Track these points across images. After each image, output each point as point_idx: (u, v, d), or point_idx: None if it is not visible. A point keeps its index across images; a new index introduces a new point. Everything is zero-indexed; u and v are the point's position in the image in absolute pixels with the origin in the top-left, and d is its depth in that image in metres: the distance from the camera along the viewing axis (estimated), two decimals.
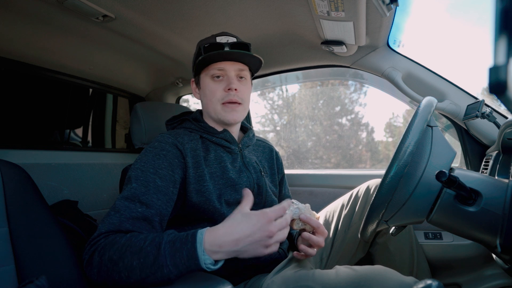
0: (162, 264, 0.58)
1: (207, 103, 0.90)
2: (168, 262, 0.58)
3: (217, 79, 0.87)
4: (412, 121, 0.71)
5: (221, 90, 0.87)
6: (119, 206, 0.69)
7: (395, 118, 7.71)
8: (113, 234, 0.65)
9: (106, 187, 1.51)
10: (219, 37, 0.89)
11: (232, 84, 0.86)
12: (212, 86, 0.87)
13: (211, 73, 0.87)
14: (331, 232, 1.06)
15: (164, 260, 0.58)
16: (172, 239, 0.60)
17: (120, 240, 0.62)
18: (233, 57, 0.86)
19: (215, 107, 0.88)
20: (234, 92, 0.86)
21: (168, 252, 0.58)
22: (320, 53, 1.32)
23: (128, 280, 0.60)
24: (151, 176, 0.73)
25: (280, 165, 1.08)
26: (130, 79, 1.68)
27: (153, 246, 0.60)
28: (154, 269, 0.58)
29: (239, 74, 0.89)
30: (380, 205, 0.72)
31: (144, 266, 0.58)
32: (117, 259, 0.60)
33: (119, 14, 1.04)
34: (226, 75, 0.87)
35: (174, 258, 0.58)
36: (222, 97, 0.87)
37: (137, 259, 0.59)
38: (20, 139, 1.37)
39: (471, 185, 0.68)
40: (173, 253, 0.58)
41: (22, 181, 0.71)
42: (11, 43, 1.15)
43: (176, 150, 0.80)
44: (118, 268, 0.60)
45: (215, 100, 0.87)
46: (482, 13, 9.68)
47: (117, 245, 0.61)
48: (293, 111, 7.72)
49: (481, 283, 1.13)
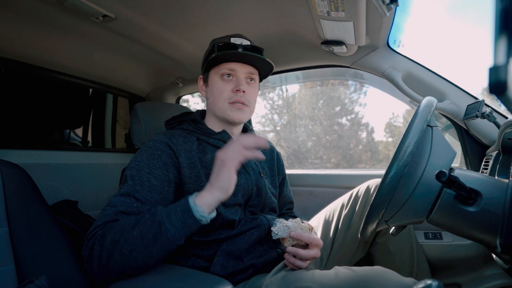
0: (159, 222, 0.63)
1: (213, 101, 0.90)
2: (164, 220, 0.64)
3: (226, 78, 0.88)
4: (412, 121, 0.71)
5: (229, 90, 0.87)
6: (114, 201, 0.71)
7: (395, 118, 7.72)
8: (109, 223, 0.68)
9: (106, 187, 1.51)
10: (233, 38, 0.90)
11: (241, 85, 0.87)
12: (221, 85, 0.88)
13: (222, 71, 0.88)
14: (331, 232, 1.06)
15: (160, 218, 0.64)
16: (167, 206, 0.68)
17: (117, 223, 0.66)
18: (246, 59, 0.87)
19: (222, 106, 0.88)
20: (241, 94, 0.87)
21: (165, 213, 0.65)
22: (320, 53, 1.32)
23: (130, 255, 0.62)
24: (145, 175, 0.75)
25: (281, 166, 1.08)
26: (130, 79, 1.68)
27: (150, 214, 0.66)
28: (154, 230, 0.63)
29: (249, 76, 0.90)
30: (380, 205, 0.72)
31: (144, 232, 0.63)
32: (118, 238, 0.63)
33: (119, 14, 1.04)
34: (236, 76, 0.88)
35: (169, 216, 0.65)
36: (229, 96, 0.87)
37: (137, 228, 0.63)
38: (20, 139, 1.37)
39: (471, 185, 0.68)
40: (169, 212, 0.65)
41: (22, 181, 0.71)
42: (11, 43, 1.15)
43: (170, 150, 0.81)
44: (120, 244, 0.62)
45: (222, 99, 0.88)
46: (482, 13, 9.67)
47: (117, 227, 0.65)
48: (293, 111, 7.72)
49: (481, 283, 1.13)
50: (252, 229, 0.84)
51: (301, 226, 0.79)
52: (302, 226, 0.79)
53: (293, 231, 0.76)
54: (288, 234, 0.76)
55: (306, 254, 0.77)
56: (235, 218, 0.83)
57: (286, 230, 0.76)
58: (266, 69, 0.93)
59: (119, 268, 0.63)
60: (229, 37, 0.90)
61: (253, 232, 0.84)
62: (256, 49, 0.88)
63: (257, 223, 0.85)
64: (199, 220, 0.66)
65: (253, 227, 0.85)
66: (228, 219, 0.81)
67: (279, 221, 0.79)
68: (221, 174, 0.69)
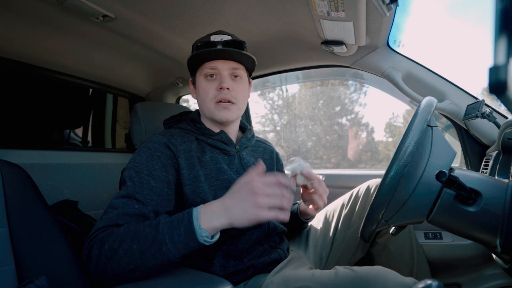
0: (161, 242, 0.60)
1: (201, 102, 0.90)
2: (166, 240, 0.60)
3: (210, 78, 0.87)
4: (412, 121, 0.71)
5: (213, 89, 0.86)
6: (116, 203, 0.70)
7: (395, 118, 7.72)
8: (110, 228, 0.66)
9: (106, 187, 1.51)
10: (213, 35, 0.88)
11: (224, 83, 0.85)
12: (205, 85, 0.87)
13: (204, 72, 0.87)
14: (331, 232, 1.06)
15: (162, 238, 0.60)
16: (169, 219, 0.63)
17: (118, 230, 0.64)
18: (224, 55, 0.85)
19: (208, 106, 0.87)
20: (226, 91, 0.85)
21: (167, 231, 0.61)
22: (320, 53, 1.32)
23: (128, 266, 0.61)
24: (145, 177, 0.74)
25: (281, 166, 1.08)
26: (130, 79, 1.68)
27: (151, 228, 0.62)
28: (154, 249, 0.60)
29: (233, 73, 0.88)
30: (380, 205, 0.72)
31: (144, 248, 0.60)
32: (117, 247, 0.61)
33: (119, 14, 1.04)
34: (219, 74, 0.87)
35: (172, 236, 0.60)
36: (214, 96, 0.86)
37: (136, 242, 0.61)
38: (20, 139, 1.37)
39: (471, 185, 0.68)
40: (171, 231, 0.61)
41: (22, 181, 0.71)
42: (11, 43, 1.15)
43: (169, 151, 0.81)
44: (118, 255, 0.61)
45: (208, 99, 0.87)
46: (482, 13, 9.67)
47: (116, 234, 0.63)
48: (293, 111, 7.72)
49: (481, 283, 1.13)
50: (252, 230, 0.84)
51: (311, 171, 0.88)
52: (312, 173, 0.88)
53: (305, 170, 0.85)
54: (301, 171, 0.85)
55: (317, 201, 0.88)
56: None
57: (299, 167, 0.86)
58: (249, 62, 0.90)
59: (116, 275, 0.62)
60: (209, 36, 0.89)
61: (253, 233, 0.84)
62: (237, 43, 0.86)
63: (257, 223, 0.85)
64: (202, 243, 0.62)
65: (253, 228, 0.84)
66: None
67: (294, 160, 0.88)
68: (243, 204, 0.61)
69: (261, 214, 0.60)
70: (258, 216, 0.60)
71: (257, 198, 0.60)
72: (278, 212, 0.61)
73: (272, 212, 0.61)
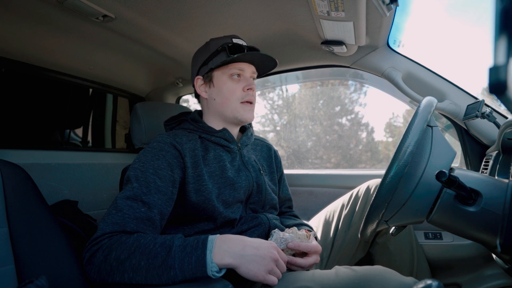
0: (170, 267, 0.59)
1: (223, 101, 0.90)
2: (176, 266, 0.59)
3: (235, 78, 0.90)
4: (412, 121, 0.71)
5: (240, 89, 0.89)
6: (121, 205, 0.69)
7: (395, 118, 7.72)
8: (117, 234, 0.65)
9: (106, 187, 1.51)
10: (235, 39, 0.92)
11: (252, 84, 0.90)
12: (231, 85, 0.89)
13: (231, 72, 0.89)
14: (331, 232, 1.06)
15: (172, 262, 0.59)
16: (183, 244, 0.62)
17: (127, 240, 0.63)
18: (255, 60, 0.91)
19: (234, 106, 0.89)
20: (252, 92, 0.90)
21: (178, 256, 0.60)
22: (320, 53, 1.32)
23: (131, 281, 0.60)
24: (151, 176, 0.74)
25: (279, 163, 1.08)
26: (130, 79, 1.68)
27: (163, 248, 0.61)
28: (161, 270, 0.59)
29: (252, 76, 0.94)
30: (380, 205, 0.72)
31: (152, 267, 0.59)
32: (124, 259, 0.61)
33: (119, 14, 1.04)
34: (243, 75, 0.91)
35: (182, 263, 0.59)
36: (242, 96, 0.89)
37: (145, 259, 0.60)
38: (20, 139, 1.37)
39: (471, 185, 0.68)
40: (183, 258, 0.60)
41: (22, 181, 0.71)
42: (11, 43, 1.15)
43: (175, 150, 0.81)
44: (124, 267, 0.60)
45: (234, 99, 0.89)
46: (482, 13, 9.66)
47: (125, 245, 0.62)
48: (293, 111, 7.72)
49: (481, 283, 1.13)
50: (253, 228, 0.84)
51: (298, 235, 0.79)
52: (299, 235, 0.79)
53: (290, 242, 0.76)
54: (286, 245, 0.76)
55: (305, 262, 0.77)
56: (235, 217, 0.83)
57: (283, 241, 0.77)
58: (264, 69, 0.98)
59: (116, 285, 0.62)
60: (231, 38, 0.92)
61: (253, 231, 0.84)
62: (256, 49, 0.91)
63: (257, 222, 0.85)
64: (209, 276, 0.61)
65: (254, 226, 0.85)
66: (228, 218, 0.81)
67: (276, 232, 0.79)
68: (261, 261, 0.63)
69: (267, 277, 0.63)
70: (264, 278, 0.62)
71: (273, 266, 0.64)
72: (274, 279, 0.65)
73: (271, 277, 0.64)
